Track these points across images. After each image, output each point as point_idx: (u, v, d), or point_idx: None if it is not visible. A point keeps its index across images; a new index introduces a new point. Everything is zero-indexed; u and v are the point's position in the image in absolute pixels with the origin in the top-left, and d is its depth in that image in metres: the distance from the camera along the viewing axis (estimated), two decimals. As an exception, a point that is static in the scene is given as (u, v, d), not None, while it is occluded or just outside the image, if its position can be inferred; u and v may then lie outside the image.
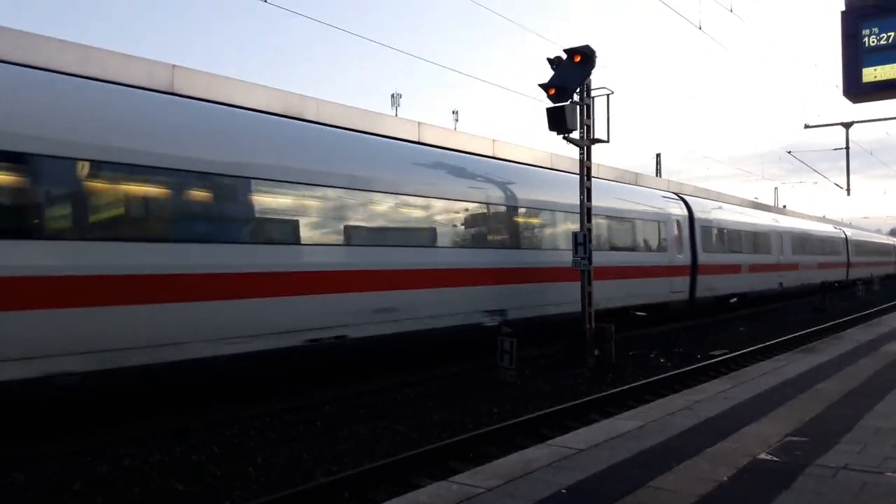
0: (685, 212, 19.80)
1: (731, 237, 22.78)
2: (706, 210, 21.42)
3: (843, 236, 38.57)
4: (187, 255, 8.08)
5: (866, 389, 7.54)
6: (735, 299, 22.33)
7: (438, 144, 18.94)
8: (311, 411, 9.23)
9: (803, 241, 30.26)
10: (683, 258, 18.95)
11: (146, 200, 8.10)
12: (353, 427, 8.39)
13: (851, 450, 5.15)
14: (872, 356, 10.17)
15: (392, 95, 27.96)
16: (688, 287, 19.12)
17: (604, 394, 10.06)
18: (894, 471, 4.61)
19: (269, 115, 11.40)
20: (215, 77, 14.18)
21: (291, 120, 11.61)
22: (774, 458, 4.96)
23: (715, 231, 21.51)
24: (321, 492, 6.09)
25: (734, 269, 22.25)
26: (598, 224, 14.57)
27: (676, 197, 20.61)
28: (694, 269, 19.43)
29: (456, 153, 14.09)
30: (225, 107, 10.47)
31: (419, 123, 18.65)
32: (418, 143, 18.25)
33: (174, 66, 13.74)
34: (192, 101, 10.68)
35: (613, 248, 15.84)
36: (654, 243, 17.95)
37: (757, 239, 25.05)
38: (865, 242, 46.47)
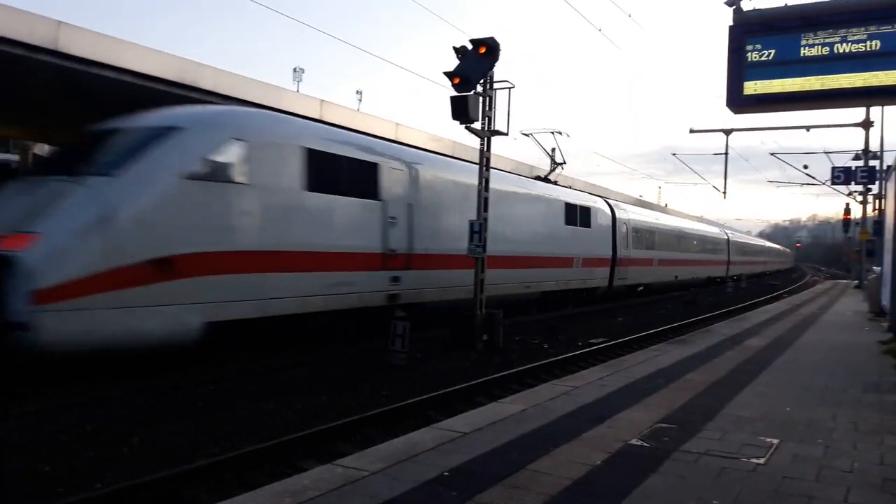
0: None
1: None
2: None
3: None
4: None
5: (729, 380, 8.12)
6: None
7: (341, 124, 18.72)
8: (191, 391, 8.95)
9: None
10: None
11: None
12: (236, 409, 8.20)
13: (713, 437, 5.55)
14: (736, 349, 10.95)
15: (294, 69, 27.30)
16: None
17: (489, 378, 10.32)
18: (749, 457, 5.01)
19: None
20: (104, 38, 13.33)
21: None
22: (644, 444, 5.27)
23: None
24: (201, 474, 5.94)
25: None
26: None
27: None
28: None
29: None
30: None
31: (322, 101, 18.30)
32: (320, 120, 17.93)
33: (60, 22, 12.81)
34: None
35: None
36: None
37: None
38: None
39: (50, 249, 7.89)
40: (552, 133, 21.32)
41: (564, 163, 22.60)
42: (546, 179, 21.47)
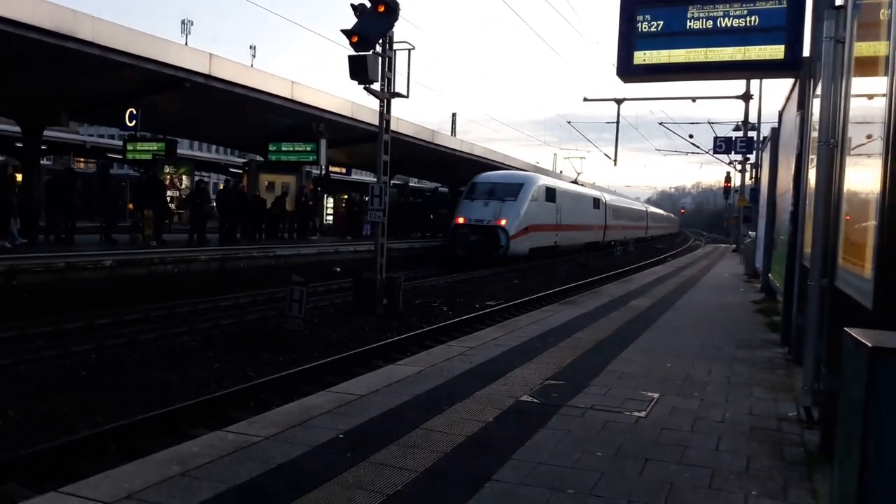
0: None
1: None
2: None
3: None
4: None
5: (615, 339, 8.50)
6: None
7: (233, 80, 17.98)
8: (74, 360, 8.52)
9: None
10: None
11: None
12: (124, 377, 7.88)
13: (598, 392, 5.81)
14: (622, 309, 11.48)
15: (183, 21, 25.92)
16: None
17: (388, 341, 10.38)
18: (631, 410, 5.29)
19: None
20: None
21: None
22: (534, 400, 5.46)
23: None
24: (85, 444, 5.69)
25: None
26: None
27: None
28: None
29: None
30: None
31: (210, 55, 17.45)
32: (208, 75, 17.16)
33: None
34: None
35: None
36: None
37: None
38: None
39: (509, 224, 26.38)
40: (580, 158, 43.82)
41: (582, 172, 43.35)
42: (575, 182, 41.48)
